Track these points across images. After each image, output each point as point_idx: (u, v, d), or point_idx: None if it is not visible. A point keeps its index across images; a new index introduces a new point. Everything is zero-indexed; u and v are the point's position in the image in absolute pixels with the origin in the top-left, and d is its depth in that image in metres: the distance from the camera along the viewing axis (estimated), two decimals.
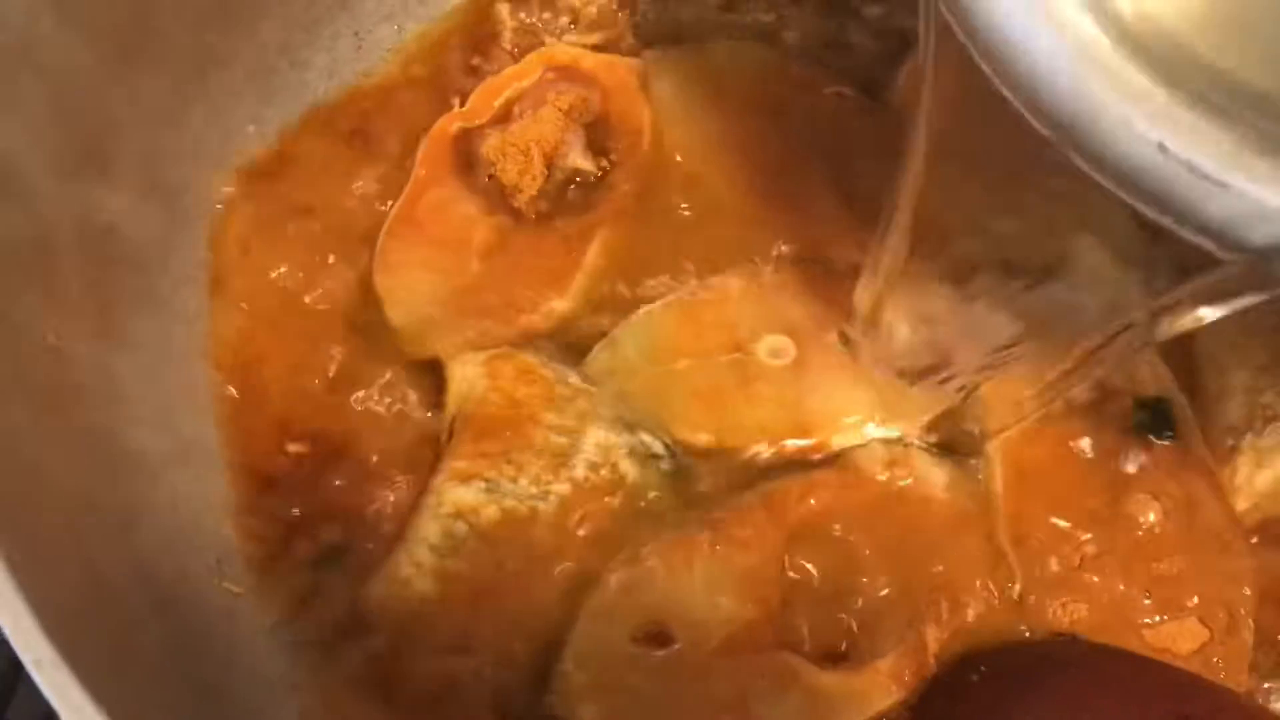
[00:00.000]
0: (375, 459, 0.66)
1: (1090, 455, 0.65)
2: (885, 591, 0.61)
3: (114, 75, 0.61)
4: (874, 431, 0.66)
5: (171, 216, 0.68)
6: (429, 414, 0.68)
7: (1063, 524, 0.63)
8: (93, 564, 0.54)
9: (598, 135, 0.75)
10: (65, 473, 0.56)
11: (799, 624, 0.60)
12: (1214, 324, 0.70)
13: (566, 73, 0.77)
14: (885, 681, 0.57)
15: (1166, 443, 0.64)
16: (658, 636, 0.58)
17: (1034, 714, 0.53)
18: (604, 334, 0.69)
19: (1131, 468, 0.64)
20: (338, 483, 0.66)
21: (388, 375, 0.69)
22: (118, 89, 0.62)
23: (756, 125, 0.75)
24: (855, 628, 0.60)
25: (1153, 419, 0.65)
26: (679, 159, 0.75)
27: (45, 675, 0.43)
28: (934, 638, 0.59)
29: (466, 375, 0.66)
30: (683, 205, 0.74)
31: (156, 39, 0.64)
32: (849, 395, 0.67)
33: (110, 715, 0.43)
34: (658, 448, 0.65)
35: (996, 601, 0.62)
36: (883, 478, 0.64)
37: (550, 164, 0.73)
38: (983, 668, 0.57)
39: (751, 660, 0.57)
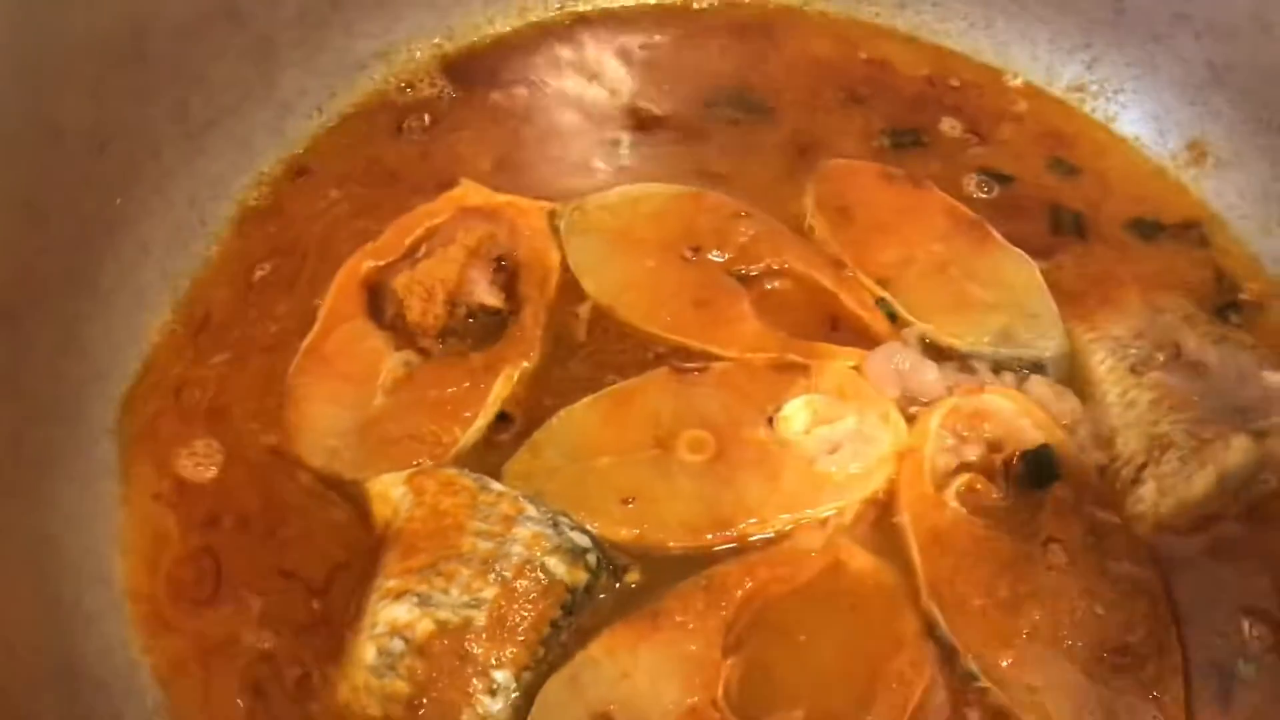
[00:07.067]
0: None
1: (992, 512, 0.67)
2: (830, 674, 0.62)
3: None
4: (796, 516, 0.67)
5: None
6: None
7: (979, 577, 0.64)
8: None
9: (507, 273, 0.78)
10: None
11: (743, 710, 0.60)
12: (1103, 368, 0.73)
13: (478, 212, 0.80)
14: None
15: (1055, 487, 0.67)
16: None
17: None
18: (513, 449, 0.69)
19: (1030, 516, 0.66)
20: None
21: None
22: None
23: (669, 260, 0.78)
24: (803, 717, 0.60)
25: (1038, 468, 0.68)
26: (591, 298, 0.76)
27: None
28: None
29: (389, 496, 0.66)
30: (591, 339, 0.75)
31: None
32: (767, 486, 0.68)
33: None
34: (584, 542, 0.64)
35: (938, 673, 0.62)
36: (815, 556, 0.65)
37: (455, 301, 0.75)
38: None
39: None
